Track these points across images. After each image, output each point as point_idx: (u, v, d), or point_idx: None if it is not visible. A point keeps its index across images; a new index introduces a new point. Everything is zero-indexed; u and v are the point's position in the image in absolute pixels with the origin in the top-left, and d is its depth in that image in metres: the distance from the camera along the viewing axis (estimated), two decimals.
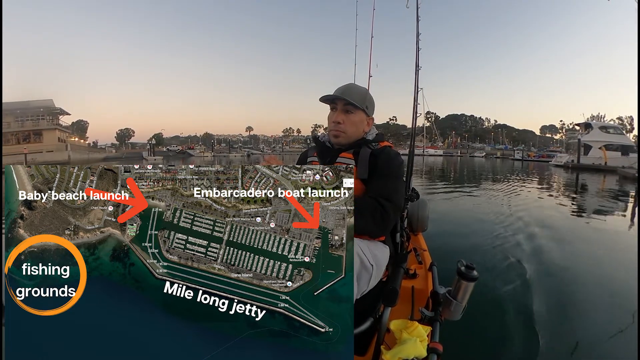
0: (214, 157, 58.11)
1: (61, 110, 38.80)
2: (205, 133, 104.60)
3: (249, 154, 64.14)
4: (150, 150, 57.85)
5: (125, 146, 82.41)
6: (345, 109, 1.43)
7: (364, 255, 1.23)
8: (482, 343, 2.29)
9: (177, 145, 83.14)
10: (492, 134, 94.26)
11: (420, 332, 1.15)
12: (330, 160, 1.44)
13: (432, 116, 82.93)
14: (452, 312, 1.30)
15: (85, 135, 57.40)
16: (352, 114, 1.43)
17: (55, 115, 37.62)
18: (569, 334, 2.45)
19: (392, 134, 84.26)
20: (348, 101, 1.40)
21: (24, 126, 34.51)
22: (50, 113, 37.04)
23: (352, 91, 1.44)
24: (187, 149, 71.00)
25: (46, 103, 37.49)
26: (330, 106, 1.48)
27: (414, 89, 2.81)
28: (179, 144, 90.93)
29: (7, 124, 33.64)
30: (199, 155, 60.43)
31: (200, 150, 68.65)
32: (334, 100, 1.44)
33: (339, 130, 1.43)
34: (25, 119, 34.86)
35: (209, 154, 63.12)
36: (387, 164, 1.36)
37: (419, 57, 2.78)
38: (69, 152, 35.19)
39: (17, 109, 34.71)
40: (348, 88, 1.45)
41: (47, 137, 35.18)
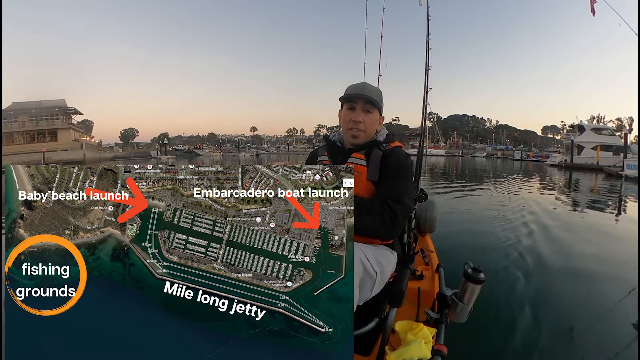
0: (223, 156, 57.48)
1: (75, 110, 38.82)
2: (210, 133, 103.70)
3: (258, 153, 63.78)
4: (159, 149, 57.61)
5: (130, 146, 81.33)
6: (365, 108, 1.36)
7: (368, 262, 1.19)
8: (487, 347, 2.22)
9: (182, 144, 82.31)
10: (494, 135, 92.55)
11: (426, 333, 1.11)
12: (342, 160, 1.38)
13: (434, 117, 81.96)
14: (458, 315, 1.26)
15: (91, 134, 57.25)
16: (371, 114, 1.37)
17: (69, 114, 37.66)
18: (577, 338, 2.38)
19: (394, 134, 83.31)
20: (369, 99, 1.34)
21: (38, 125, 34.55)
22: (64, 112, 37.08)
23: (371, 90, 1.38)
24: (193, 148, 70.02)
25: (59, 103, 37.47)
26: (346, 105, 1.40)
27: (424, 88, 2.74)
28: (183, 143, 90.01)
29: (21, 123, 33.75)
30: (207, 154, 59.50)
31: (210, 149, 67.74)
32: (353, 99, 1.37)
33: (359, 130, 1.36)
34: (40, 118, 34.88)
35: (218, 153, 62.38)
36: (397, 165, 1.31)
37: (429, 57, 2.70)
38: (84, 151, 35.22)
39: (32, 108, 34.78)
40: (365, 87, 1.39)
41: (62, 136, 35.19)
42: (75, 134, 37.63)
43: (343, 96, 1.40)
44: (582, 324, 2.56)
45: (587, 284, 3.28)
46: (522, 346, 2.22)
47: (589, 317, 2.67)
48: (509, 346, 2.21)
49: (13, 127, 33.33)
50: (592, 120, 62.89)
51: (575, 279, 3.42)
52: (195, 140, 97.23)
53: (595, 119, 67.90)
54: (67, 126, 36.01)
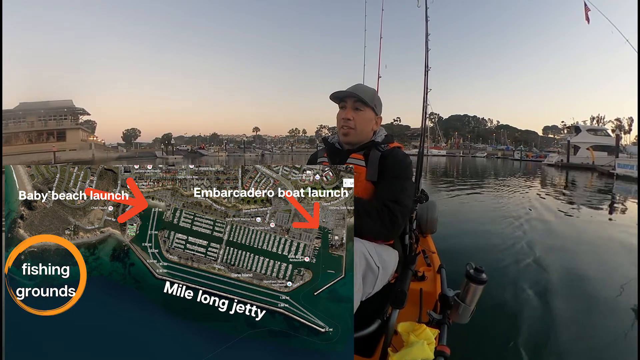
0: (228, 156, 57.06)
1: (83, 110, 38.84)
2: (213, 133, 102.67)
3: (263, 153, 63.42)
4: (165, 149, 57.23)
5: (133, 146, 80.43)
6: (355, 106, 1.37)
7: (370, 257, 1.16)
8: (490, 347, 2.18)
9: (184, 145, 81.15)
10: (495, 135, 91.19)
11: (428, 334, 1.08)
12: (341, 162, 1.37)
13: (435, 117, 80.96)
14: (461, 315, 1.23)
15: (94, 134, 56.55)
16: (362, 112, 1.37)
17: (76, 115, 37.69)
18: (581, 339, 2.33)
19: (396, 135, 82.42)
20: (358, 98, 1.34)
21: (47, 125, 34.60)
22: (72, 113, 37.11)
23: (362, 89, 1.39)
24: (198, 148, 69.06)
25: (66, 103, 37.47)
26: (339, 105, 1.41)
27: (424, 89, 2.70)
28: (185, 144, 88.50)
29: (30, 123, 33.78)
30: (213, 154, 59.04)
31: (215, 149, 67.10)
32: (343, 98, 1.39)
33: (349, 127, 1.36)
34: (49, 119, 34.92)
35: (224, 153, 61.81)
36: (395, 165, 1.30)
37: (428, 58, 2.67)
38: (93, 151, 35.21)
39: (40, 108, 34.82)
40: (357, 87, 1.40)
41: (71, 136, 35.22)
42: (83, 134, 37.68)
43: (333, 95, 1.40)
44: (585, 322, 2.53)
45: (587, 282, 3.25)
46: (526, 346, 2.18)
47: (591, 315, 2.64)
48: (512, 346, 2.18)
49: (22, 127, 33.42)
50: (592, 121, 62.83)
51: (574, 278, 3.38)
52: (197, 141, 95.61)
53: (595, 119, 67.54)
54: (75, 126, 36.07)
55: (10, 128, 32.90)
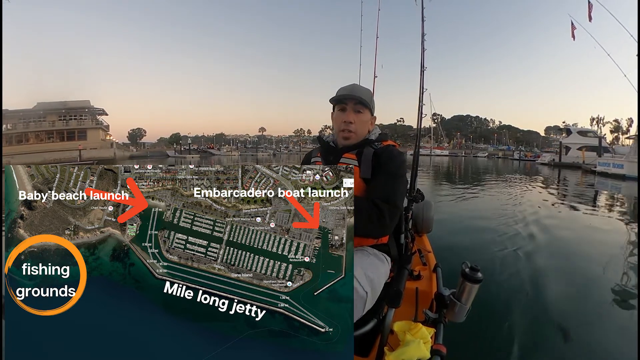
0: (241, 156, 56.06)
1: (103, 110, 38.91)
2: (220, 133, 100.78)
3: (274, 153, 62.84)
4: (176, 149, 56.72)
5: (138, 146, 78.05)
6: (355, 109, 1.29)
7: (358, 283, 1.04)
8: (486, 345, 2.11)
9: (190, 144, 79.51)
10: (496, 135, 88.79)
11: (424, 334, 1.04)
12: (334, 160, 1.30)
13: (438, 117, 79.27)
14: (456, 314, 1.18)
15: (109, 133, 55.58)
16: (362, 114, 1.30)
17: (94, 114, 37.77)
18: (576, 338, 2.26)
19: (399, 135, 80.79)
20: (359, 100, 1.27)
21: (68, 125, 34.74)
22: (92, 113, 37.20)
23: (361, 90, 1.31)
24: (207, 148, 67.37)
25: (84, 103, 37.48)
26: (337, 107, 1.33)
27: (419, 89, 2.63)
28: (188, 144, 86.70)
29: (51, 123, 33.91)
30: (225, 154, 57.91)
31: (227, 149, 65.76)
32: (343, 100, 1.30)
33: (350, 132, 1.29)
34: (70, 118, 35.00)
35: (236, 153, 60.61)
36: (389, 162, 1.22)
37: (424, 58, 2.59)
38: (114, 150, 35.36)
39: (60, 108, 34.93)
40: (354, 88, 1.32)
41: (91, 135, 35.32)
42: (103, 133, 37.82)
43: (333, 98, 1.32)
44: (580, 320, 2.46)
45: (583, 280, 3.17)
46: (521, 344, 2.12)
47: (586, 313, 2.56)
48: (508, 344, 2.12)
49: (43, 127, 33.59)
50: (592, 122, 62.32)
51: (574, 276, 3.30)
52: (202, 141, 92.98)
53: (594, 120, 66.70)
54: (95, 126, 36.19)
55: (31, 127, 33.13)
